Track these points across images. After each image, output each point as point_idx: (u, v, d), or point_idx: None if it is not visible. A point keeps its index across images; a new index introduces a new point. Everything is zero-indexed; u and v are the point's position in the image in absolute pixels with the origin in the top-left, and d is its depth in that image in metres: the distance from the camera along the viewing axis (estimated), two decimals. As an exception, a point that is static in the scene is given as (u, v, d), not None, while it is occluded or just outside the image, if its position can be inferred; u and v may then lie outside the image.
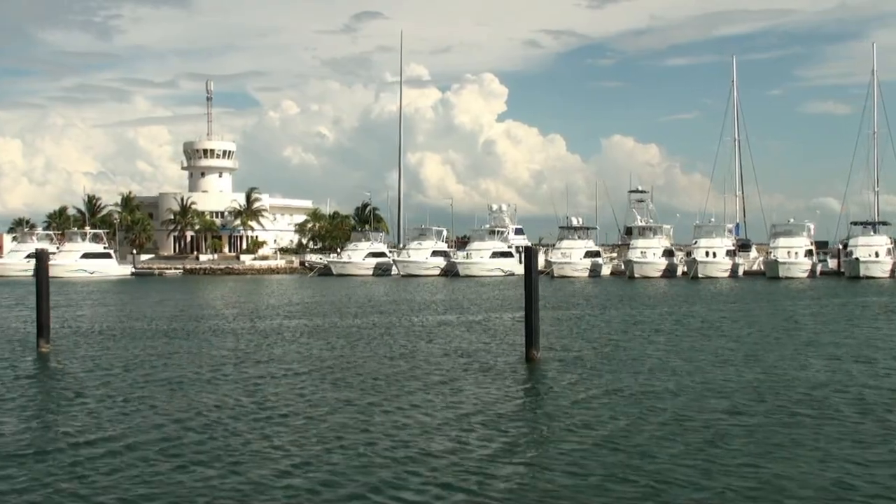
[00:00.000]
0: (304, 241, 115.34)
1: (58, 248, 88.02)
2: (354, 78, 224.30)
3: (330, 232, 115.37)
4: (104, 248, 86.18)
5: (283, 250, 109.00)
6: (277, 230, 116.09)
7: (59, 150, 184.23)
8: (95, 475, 10.34)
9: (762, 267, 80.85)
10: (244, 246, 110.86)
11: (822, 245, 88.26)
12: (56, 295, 47.49)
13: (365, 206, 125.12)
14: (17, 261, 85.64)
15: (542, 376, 17.73)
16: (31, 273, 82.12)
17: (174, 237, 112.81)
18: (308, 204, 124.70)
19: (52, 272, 79.58)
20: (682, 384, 16.52)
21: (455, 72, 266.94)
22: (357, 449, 11.49)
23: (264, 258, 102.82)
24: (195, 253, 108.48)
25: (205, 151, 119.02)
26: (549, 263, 79.93)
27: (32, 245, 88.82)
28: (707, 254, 74.66)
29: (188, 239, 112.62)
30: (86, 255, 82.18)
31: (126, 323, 30.82)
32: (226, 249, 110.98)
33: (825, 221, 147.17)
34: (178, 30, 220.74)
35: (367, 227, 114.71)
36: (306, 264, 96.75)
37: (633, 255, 76.80)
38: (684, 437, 12.10)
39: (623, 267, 78.72)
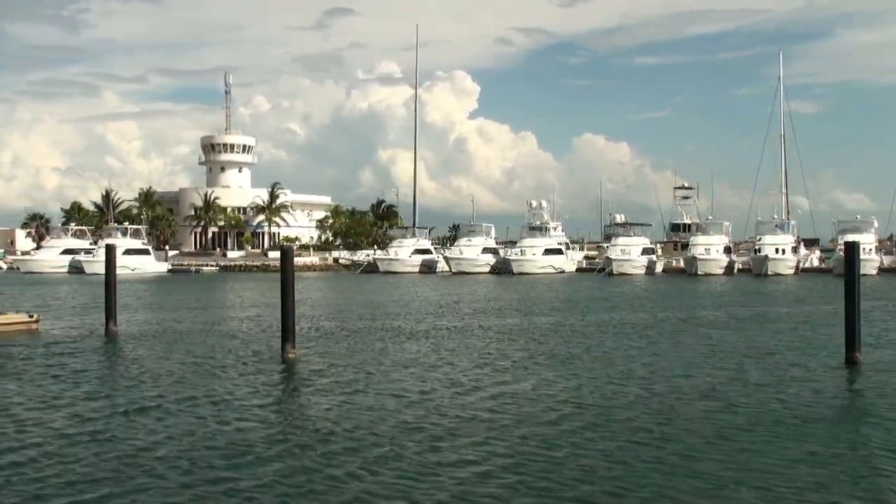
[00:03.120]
0: (325, 237, 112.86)
1: (92, 244, 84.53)
2: (326, 74, 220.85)
3: (352, 228, 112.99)
4: (143, 243, 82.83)
5: (313, 247, 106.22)
6: (299, 227, 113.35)
7: (26, 145, 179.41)
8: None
9: (819, 263, 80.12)
10: (266, 243, 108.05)
11: (811, 242, 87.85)
12: (137, 294, 44.15)
13: (380, 202, 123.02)
14: (51, 257, 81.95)
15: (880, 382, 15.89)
16: (66, 270, 79.07)
17: (196, 233, 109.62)
18: (327, 200, 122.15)
19: (93, 269, 76.73)
20: None
21: (427, 69, 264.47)
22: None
23: (297, 255, 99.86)
24: (218, 249, 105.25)
25: (224, 146, 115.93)
26: (609, 261, 78.31)
27: (65, 241, 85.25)
28: (777, 250, 73.55)
29: (209, 235, 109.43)
30: (127, 252, 78.79)
31: (333, 322, 28.33)
32: (247, 246, 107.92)
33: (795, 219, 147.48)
34: (147, 24, 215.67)
35: (384, 223, 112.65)
36: (340, 261, 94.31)
37: (696, 251, 75.48)
38: None
39: (683, 264, 77.39)
